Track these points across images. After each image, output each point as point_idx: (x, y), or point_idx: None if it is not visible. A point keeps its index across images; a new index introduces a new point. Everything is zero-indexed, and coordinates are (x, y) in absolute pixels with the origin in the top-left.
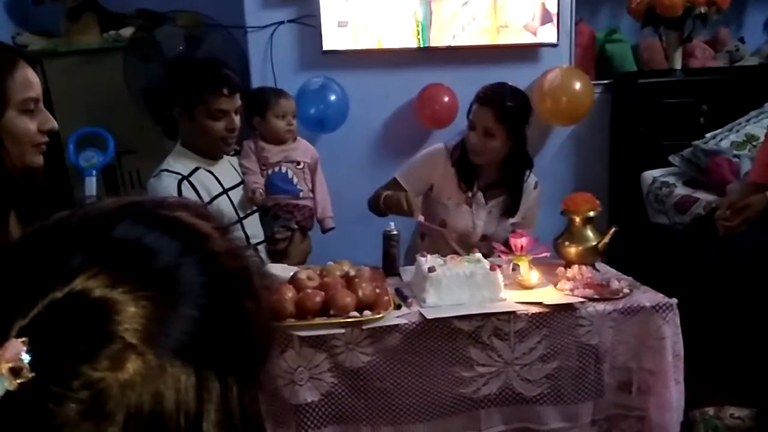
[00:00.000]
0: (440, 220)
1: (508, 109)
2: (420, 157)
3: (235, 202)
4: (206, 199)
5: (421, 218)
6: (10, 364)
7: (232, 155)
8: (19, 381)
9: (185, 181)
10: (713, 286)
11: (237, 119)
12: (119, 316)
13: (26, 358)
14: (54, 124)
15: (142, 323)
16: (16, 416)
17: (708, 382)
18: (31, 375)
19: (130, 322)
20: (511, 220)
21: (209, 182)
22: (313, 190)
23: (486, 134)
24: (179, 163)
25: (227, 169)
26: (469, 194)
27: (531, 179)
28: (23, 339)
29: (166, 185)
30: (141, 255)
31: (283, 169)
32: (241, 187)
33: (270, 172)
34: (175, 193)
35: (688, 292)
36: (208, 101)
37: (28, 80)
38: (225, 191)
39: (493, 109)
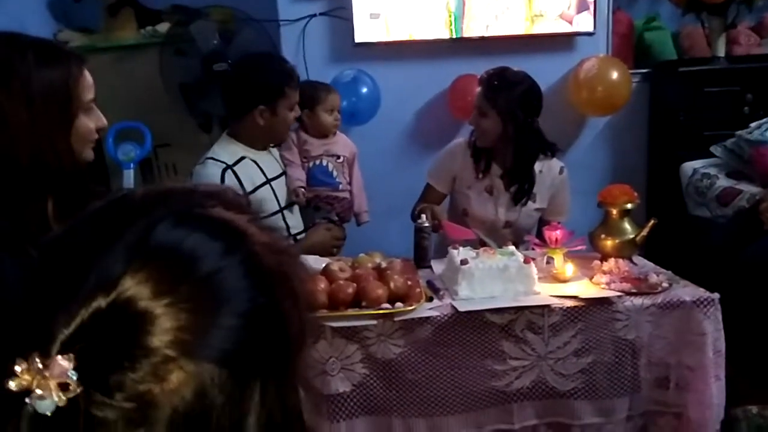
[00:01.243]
0: (462, 210)
1: (494, 89)
2: (442, 153)
3: (277, 193)
4: (249, 188)
5: (447, 228)
6: (58, 380)
7: (273, 146)
8: (68, 396)
9: (229, 170)
10: (756, 281)
11: None
12: (156, 329)
13: (74, 374)
14: (104, 121)
15: (181, 336)
16: (65, 428)
17: (752, 380)
18: (79, 389)
19: (168, 335)
20: (536, 206)
21: (253, 172)
22: (350, 184)
23: (480, 113)
24: (225, 151)
25: (270, 160)
26: (480, 176)
27: (555, 163)
28: (69, 355)
29: (211, 173)
30: (183, 261)
31: (324, 163)
32: (283, 177)
33: (311, 165)
34: (218, 181)
35: (731, 288)
36: (289, 94)
37: (89, 82)
38: (268, 181)
39: (483, 88)
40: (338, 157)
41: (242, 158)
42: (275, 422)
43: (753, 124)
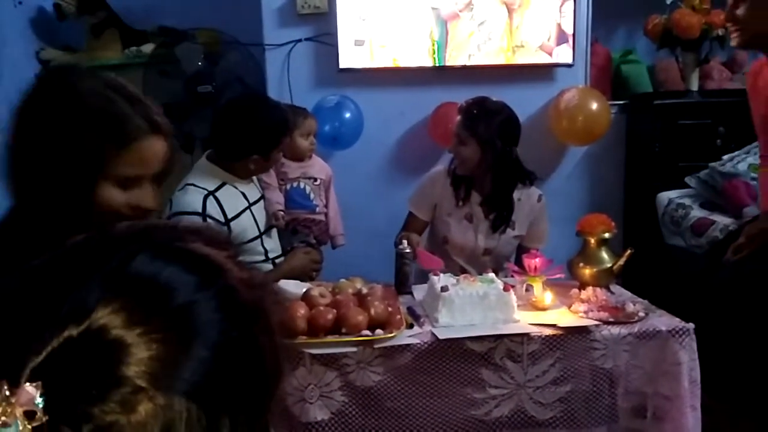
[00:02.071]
0: (442, 237)
1: (474, 118)
2: (422, 181)
3: (257, 217)
4: (231, 214)
5: (420, 256)
6: (24, 408)
7: None
8: (33, 425)
9: (211, 197)
10: (725, 308)
11: None
12: (130, 358)
13: (40, 402)
14: (148, 203)
15: (153, 366)
16: None
17: (727, 409)
18: (45, 418)
19: (141, 365)
20: (515, 233)
21: (235, 198)
22: (326, 206)
23: (460, 141)
24: (205, 177)
25: (250, 185)
26: (460, 203)
27: (533, 192)
28: (37, 383)
29: (192, 200)
30: (157, 292)
31: (301, 185)
32: (262, 202)
33: (288, 187)
34: (199, 208)
35: (705, 316)
36: (283, 143)
37: (142, 159)
38: (249, 206)
39: (463, 117)
40: (315, 180)
41: (223, 184)
42: None
43: (725, 157)
